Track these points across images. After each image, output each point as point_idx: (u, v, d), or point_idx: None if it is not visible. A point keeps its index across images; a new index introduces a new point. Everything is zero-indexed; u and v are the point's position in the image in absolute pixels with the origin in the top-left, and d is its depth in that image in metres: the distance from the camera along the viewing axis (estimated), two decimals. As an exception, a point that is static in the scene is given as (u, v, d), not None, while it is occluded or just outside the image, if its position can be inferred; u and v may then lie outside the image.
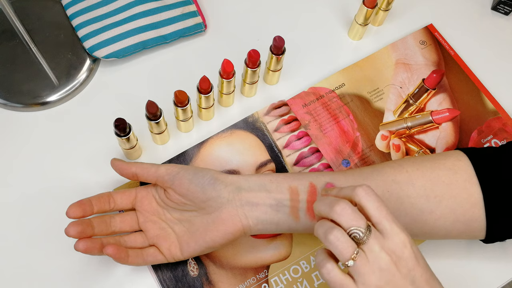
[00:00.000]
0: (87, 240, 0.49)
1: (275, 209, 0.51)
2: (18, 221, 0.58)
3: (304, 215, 0.52)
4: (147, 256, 0.52)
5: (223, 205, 0.51)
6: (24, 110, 0.63)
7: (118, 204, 0.54)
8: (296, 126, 0.64)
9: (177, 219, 0.53)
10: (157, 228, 0.53)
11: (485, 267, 0.58)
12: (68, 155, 0.62)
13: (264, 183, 0.52)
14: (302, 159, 0.62)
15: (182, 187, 0.51)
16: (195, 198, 0.51)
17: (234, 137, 0.63)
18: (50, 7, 0.69)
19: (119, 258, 0.50)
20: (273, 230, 0.53)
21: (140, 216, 0.54)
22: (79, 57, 0.66)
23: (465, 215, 0.51)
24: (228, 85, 0.60)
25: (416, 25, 0.72)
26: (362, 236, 0.41)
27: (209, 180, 0.51)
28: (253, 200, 0.51)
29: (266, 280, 0.56)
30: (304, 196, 0.52)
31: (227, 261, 0.56)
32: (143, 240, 0.53)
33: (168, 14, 0.67)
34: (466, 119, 0.66)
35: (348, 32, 0.71)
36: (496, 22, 0.74)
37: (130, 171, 0.53)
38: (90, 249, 0.49)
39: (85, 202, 0.51)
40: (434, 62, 0.69)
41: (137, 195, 0.54)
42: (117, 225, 0.53)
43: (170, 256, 0.52)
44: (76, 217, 0.50)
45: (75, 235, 0.49)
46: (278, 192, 0.52)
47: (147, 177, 0.52)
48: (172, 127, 0.63)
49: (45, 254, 0.56)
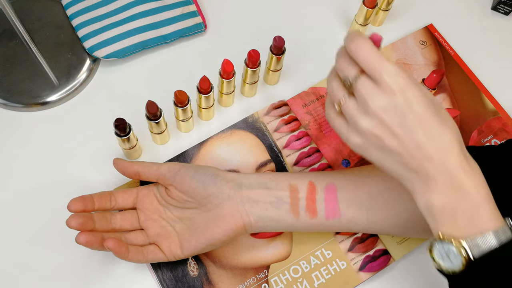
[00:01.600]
0: (88, 233, 0.49)
1: (275, 206, 0.52)
2: (17, 220, 0.58)
3: (304, 212, 0.52)
4: (147, 253, 0.52)
5: (224, 201, 0.51)
6: (24, 110, 0.63)
7: (119, 203, 0.54)
8: (296, 126, 0.64)
9: (178, 217, 0.53)
10: (158, 226, 0.53)
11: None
12: (68, 155, 0.62)
13: (265, 181, 0.53)
14: (302, 159, 0.62)
15: (184, 183, 0.51)
16: (196, 194, 0.51)
17: (234, 137, 0.63)
18: (50, 7, 0.69)
19: (119, 252, 0.50)
20: (273, 228, 0.53)
21: (141, 214, 0.54)
22: (79, 57, 0.66)
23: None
24: (228, 85, 0.60)
25: (416, 25, 0.72)
26: (350, 83, 0.43)
27: (210, 176, 0.51)
28: (253, 197, 0.52)
29: (266, 280, 0.56)
30: (303, 194, 0.52)
31: (227, 261, 0.56)
32: (144, 238, 0.53)
33: (168, 14, 0.67)
34: (466, 119, 0.66)
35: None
36: (496, 22, 0.74)
37: (132, 169, 0.53)
38: (91, 243, 0.49)
39: (86, 198, 0.52)
40: (434, 62, 0.69)
41: (138, 194, 0.54)
42: (118, 222, 0.53)
43: (170, 254, 0.52)
44: (77, 211, 0.50)
45: (76, 226, 0.49)
46: (279, 189, 0.52)
47: (149, 175, 0.53)
48: (172, 127, 0.63)
49: (45, 253, 0.56)
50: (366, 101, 0.41)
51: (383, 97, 0.41)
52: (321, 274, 0.57)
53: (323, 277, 0.56)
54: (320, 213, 0.52)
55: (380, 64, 0.41)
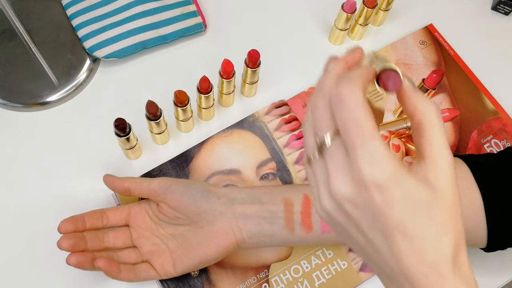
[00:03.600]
0: (79, 254, 0.49)
1: (269, 221, 0.51)
2: (17, 219, 0.58)
3: (299, 226, 0.51)
4: (139, 271, 0.51)
5: (216, 218, 0.51)
6: (24, 110, 0.63)
7: (111, 221, 0.53)
8: (296, 125, 0.64)
9: (171, 234, 0.53)
10: (151, 244, 0.53)
11: (482, 269, 0.58)
12: (68, 155, 0.61)
13: (258, 195, 0.52)
14: (302, 159, 0.62)
15: (175, 200, 0.51)
16: (187, 211, 0.51)
17: (234, 136, 0.63)
18: (50, 7, 0.69)
19: (110, 271, 0.49)
20: (267, 243, 0.52)
21: (134, 232, 0.53)
22: (79, 57, 0.66)
23: (466, 222, 0.49)
24: (228, 85, 0.60)
25: (416, 25, 0.72)
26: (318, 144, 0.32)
27: (201, 193, 0.51)
28: (246, 212, 0.51)
29: (266, 280, 0.56)
30: (298, 207, 0.51)
31: (228, 261, 0.56)
32: (136, 256, 0.53)
33: (168, 14, 0.67)
34: (466, 119, 0.66)
35: (348, 33, 0.71)
36: (496, 22, 0.74)
37: (122, 186, 0.52)
38: (82, 263, 0.49)
39: (77, 218, 0.51)
40: (434, 62, 0.69)
41: (131, 211, 0.54)
42: (110, 240, 0.53)
43: (163, 272, 0.52)
44: (67, 232, 0.50)
45: (67, 248, 0.49)
46: (272, 203, 0.51)
47: (140, 191, 0.52)
48: (172, 127, 0.63)
49: (45, 253, 0.56)
50: (329, 178, 0.31)
51: (350, 186, 0.31)
52: (322, 274, 0.57)
53: (324, 277, 0.56)
54: (316, 227, 0.51)
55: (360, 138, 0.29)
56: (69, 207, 0.57)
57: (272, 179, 0.61)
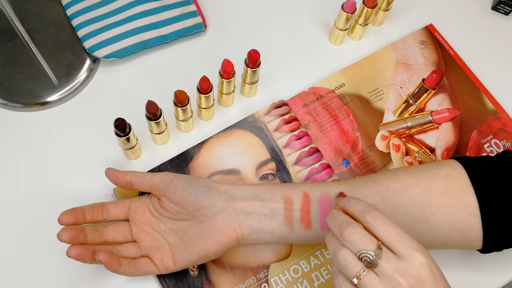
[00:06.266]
0: (80, 246, 0.49)
1: (269, 218, 0.51)
2: (17, 219, 0.58)
3: (298, 224, 0.51)
4: (139, 266, 0.51)
5: (217, 214, 0.51)
6: (24, 110, 0.63)
7: (112, 214, 0.53)
8: (296, 126, 0.64)
9: (171, 229, 0.53)
10: (151, 238, 0.53)
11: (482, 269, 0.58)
12: (68, 154, 0.61)
13: (258, 192, 0.52)
14: (302, 159, 0.62)
15: (176, 194, 0.51)
16: (188, 206, 0.51)
17: (234, 136, 0.63)
18: (50, 7, 0.69)
19: (110, 265, 0.49)
20: (267, 240, 0.52)
21: (134, 226, 0.53)
22: (79, 57, 0.66)
23: (462, 224, 0.50)
24: (228, 85, 0.60)
25: (416, 25, 0.72)
26: (372, 259, 0.40)
27: (203, 188, 0.51)
28: (247, 209, 0.51)
29: (266, 280, 0.56)
30: (298, 205, 0.51)
31: (227, 261, 0.56)
32: (136, 251, 0.53)
33: (168, 14, 0.67)
34: (466, 119, 0.66)
35: (348, 33, 0.71)
36: (496, 22, 0.74)
37: (124, 179, 0.52)
38: (82, 256, 0.49)
39: (77, 210, 0.51)
40: (434, 62, 0.69)
41: (131, 205, 0.54)
42: (110, 234, 0.53)
43: (162, 267, 0.52)
44: (67, 224, 0.50)
45: (67, 240, 0.49)
46: (272, 201, 0.51)
47: (141, 185, 0.52)
48: (172, 127, 0.63)
49: (44, 251, 0.56)
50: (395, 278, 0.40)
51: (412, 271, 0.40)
52: (321, 274, 0.57)
53: (323, 277, 0.56)
54: (315, 224, 0.51)
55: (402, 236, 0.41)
56: (69, 207, 0.57)
57: (271, 179, 0.61)
